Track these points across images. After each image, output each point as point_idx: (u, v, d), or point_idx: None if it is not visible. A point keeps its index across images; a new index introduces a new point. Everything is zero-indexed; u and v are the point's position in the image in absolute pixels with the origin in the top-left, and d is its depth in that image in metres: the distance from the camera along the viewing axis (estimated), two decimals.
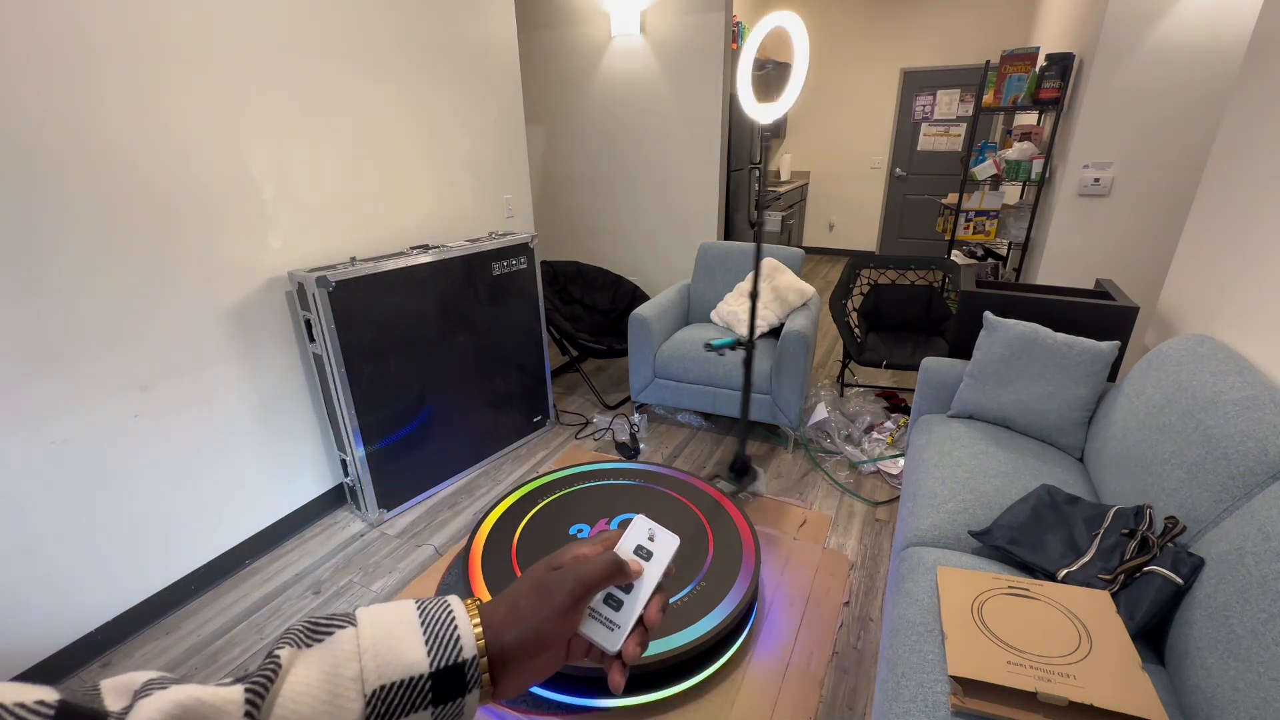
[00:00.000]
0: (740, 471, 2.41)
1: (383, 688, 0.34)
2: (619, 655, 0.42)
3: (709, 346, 2.18)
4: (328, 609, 1.92)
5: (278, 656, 0.33)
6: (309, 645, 0.35)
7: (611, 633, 0.42)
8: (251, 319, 2.00)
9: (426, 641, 0.36)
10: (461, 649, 0.37)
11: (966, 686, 1.03)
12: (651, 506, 2.00)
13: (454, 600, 0.40)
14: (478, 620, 0.39)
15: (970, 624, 1.13)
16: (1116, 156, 2.84)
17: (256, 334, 2.02)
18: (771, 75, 4.92)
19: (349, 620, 0.37)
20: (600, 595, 0.43)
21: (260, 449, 2.10)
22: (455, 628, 0.38)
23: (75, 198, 1.53)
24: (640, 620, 0.43)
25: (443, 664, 0.36)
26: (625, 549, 0.46)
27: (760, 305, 2.92)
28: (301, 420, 2.22)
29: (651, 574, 0.45)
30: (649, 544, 0.46)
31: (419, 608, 0.39)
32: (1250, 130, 1.72)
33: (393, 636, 0.36)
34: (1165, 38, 2.61)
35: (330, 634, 0.36)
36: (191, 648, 1.79)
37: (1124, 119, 2.77)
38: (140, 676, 0.31)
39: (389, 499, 2.33)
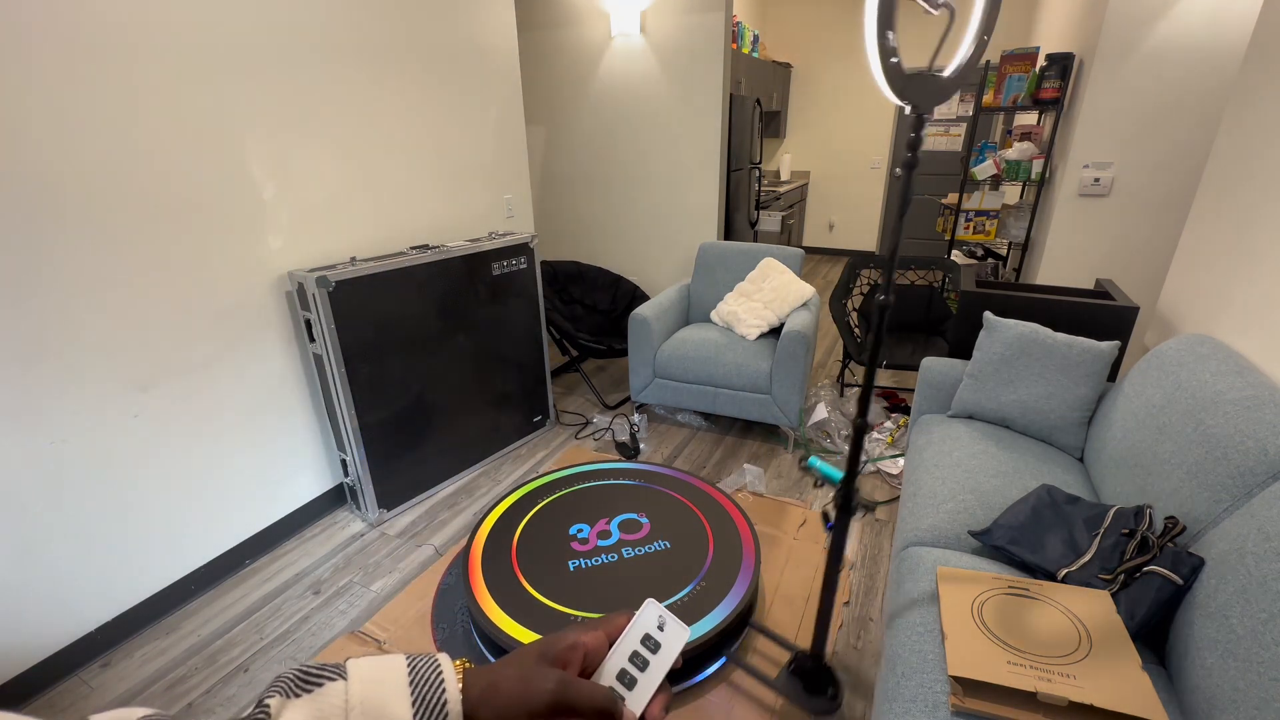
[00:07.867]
0: (815, 683, 1.56)
1: None
2: None
3: (805, 468, 1.64)
4: (328, 609, 1.92)
5: (268, 706, 0.34)
6: (298, 695, 0.35)
7: None
8: (251, 319, 2.00)
9: (414, 701, 0.37)
10: (447, 714, 0.37)
11: (966, 686, 1.03)
12: (652, 506, 2.00)
13: (444, 660, 0.40)
14: (463, 685, 0.39)
15: (970, 624, 1.13)
16: (1116, 156, 2.83)
17: (257, 334, 2.02)
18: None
19: (339, 673, 0.37)
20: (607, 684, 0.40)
21: (260, 449, 2.10)
22: (443, 688, 0.38)
23: (74, 197, 1.53)
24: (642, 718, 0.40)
25: None
26: (633, 638, 0.42)
27: (760, 305, 2.92)
28: (301, 420, 2.22)
29: (658, 667, 0.41)
30: (658, 634, 0.42)
31: (409, 664, 0.39)
32: (1250, 130, 1.72)
33: (380, 693, 0.36)
34: (1165, 38, 2.61)
35: (320, 685, 0.36)
36: (191, 648, 1.79)
37: (1124, 119, 2.77)
38: (133, 714, 0.31)
39: (389, 499, 2.33)
